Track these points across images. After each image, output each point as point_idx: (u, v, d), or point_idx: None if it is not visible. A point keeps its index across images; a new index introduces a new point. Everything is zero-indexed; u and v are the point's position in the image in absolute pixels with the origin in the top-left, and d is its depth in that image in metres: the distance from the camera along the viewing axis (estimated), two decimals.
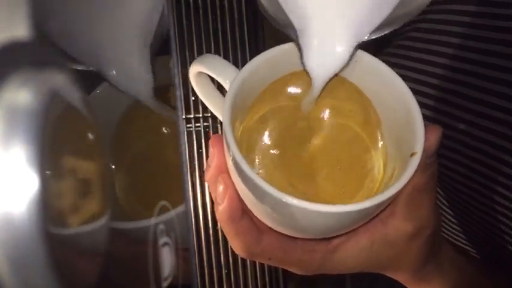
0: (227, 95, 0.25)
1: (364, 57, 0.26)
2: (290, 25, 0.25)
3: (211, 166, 0.27)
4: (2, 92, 0.14)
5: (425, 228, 0.28)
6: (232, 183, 0.26)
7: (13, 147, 0.14)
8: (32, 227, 0.14)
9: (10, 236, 0.14)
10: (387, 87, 0.26)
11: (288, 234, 0.27)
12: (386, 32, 0.25)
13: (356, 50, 0.25)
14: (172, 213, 0.41)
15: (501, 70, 0.34)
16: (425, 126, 0.24)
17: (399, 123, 0.26)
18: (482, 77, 0.35)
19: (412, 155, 0.24)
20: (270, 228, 0.28)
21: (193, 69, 0.28)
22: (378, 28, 0.25)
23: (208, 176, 0.28)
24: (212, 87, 0.31)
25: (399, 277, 0.32)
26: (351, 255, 0.28)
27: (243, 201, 0.26)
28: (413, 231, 0.28)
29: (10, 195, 0.14)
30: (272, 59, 0.27)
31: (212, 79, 0.29)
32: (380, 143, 0.28)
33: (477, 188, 0.36)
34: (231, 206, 0.26)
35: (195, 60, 0.28)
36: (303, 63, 0.26)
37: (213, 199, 0.28)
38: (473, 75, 0.36)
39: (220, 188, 0.26)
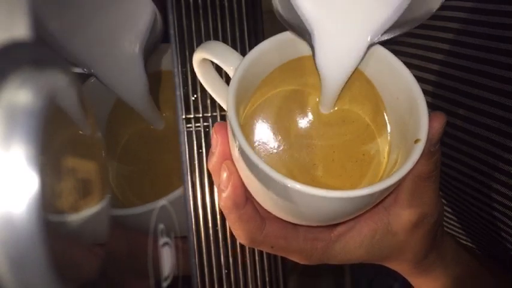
0: (232, 81, 0.25)
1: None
2: (305, 30, 0.26)
3: (215, 153, 0.27)
4: (2, 92, 0.14)
5: (428, 217, 0.28)
6: (236, 170, 0.26)
7: (13, 147, 0.14)
8: (32, 227, 0.14)
9: (10, 236, 0.14)
10: (391, 74, 0.26)
11: (292, 221, 0.27)
12: (396, 34, 0.25)
13: (366, 52, 0.25)
14: (167, 200, 0.41)
15: (497, 66, 0.34)
16: (429, 113, 0.24)
17: (403, 111, 0.26)
18: (479, 72, 0.36)
19: (416, 141, 0.24)
20: (273, 216, 0.28)
21: (197, 56, 0.28)
22: (389, 30, 0.25)
23: (211, 163, 0.27)
24: (215, 74, 0.31)
25: (401, 268, 0.32)
26: (353, 245, 0.28)
27: (246, 188, 0.26)
28: (416, 219, 0.28)
29: (10, 195, 0.14)
30: (276, 45, 0.27)
31: (214, 65, 0.29)
32: (385, 131, 0.28)
33: (474, 185, 0.36)
34: (234, 192, 0.26)
35: (199, 47, 0.28)
36: (316, 66, 0.26)
37: (216, 187, 0.28)
38: (470, 71, 0.36)
39: (224, 174, 0.26)
